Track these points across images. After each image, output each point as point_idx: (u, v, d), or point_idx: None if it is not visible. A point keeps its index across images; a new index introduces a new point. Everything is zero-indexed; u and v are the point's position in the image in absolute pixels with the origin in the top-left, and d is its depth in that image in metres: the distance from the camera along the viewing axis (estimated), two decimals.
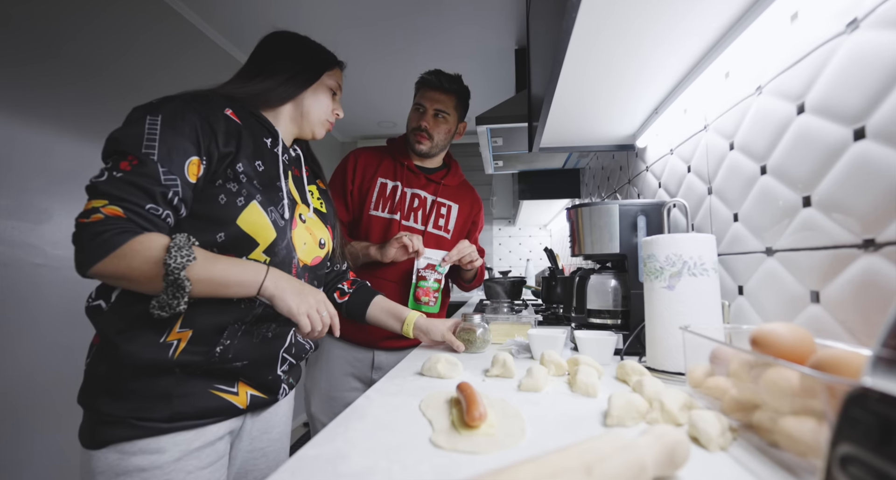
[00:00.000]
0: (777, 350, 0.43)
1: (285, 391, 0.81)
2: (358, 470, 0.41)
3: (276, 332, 0.76)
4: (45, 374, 1.46)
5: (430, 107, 1.28)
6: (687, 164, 1.00)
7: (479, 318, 0.98)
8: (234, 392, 0.72)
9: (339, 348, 1.27)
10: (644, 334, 0.78)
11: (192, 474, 0.67)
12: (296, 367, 0.84)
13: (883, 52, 0.49)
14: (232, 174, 0.71)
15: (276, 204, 0.75)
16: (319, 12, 2.16)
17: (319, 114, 0.87)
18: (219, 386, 0.70)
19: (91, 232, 0.59)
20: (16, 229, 1.39)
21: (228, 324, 0.69)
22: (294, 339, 0.80)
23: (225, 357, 0.68)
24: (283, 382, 0.79)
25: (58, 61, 1.53)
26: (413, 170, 1.34)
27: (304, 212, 0.84)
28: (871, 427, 0.24)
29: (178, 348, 0.65)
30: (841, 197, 0.55)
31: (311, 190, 0.92)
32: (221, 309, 0.68)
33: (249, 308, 0.71)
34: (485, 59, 2.60)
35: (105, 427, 0.64)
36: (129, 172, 0.62)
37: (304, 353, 0.83)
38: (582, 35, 0.69)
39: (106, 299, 0.67)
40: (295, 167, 0.87)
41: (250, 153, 0.74)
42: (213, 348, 0.67)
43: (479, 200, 1.47)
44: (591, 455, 0.33)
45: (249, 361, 0.71)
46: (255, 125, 0.78)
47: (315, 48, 0.87)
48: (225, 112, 0.73)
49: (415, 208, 1.32)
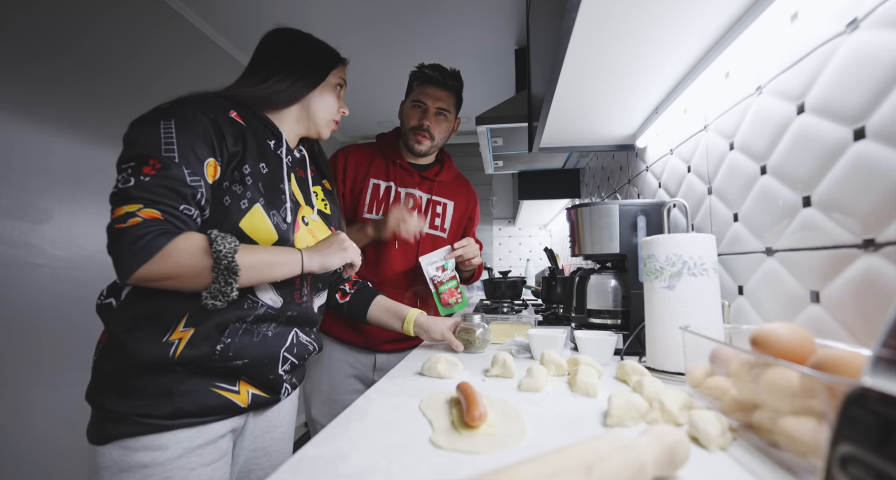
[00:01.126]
0: (777, 350, 0.43)
1: (287, 390, 0.80)
2: (358, 470, 0.41)
3: (277, 331, 0.76)
4: (46, 374, 1.45)
5: (431, 105, 1.24)
6: (687, 164, 1.00)
7: (479, 318, 0.98)
8: (236, 390, 0.72)
9: (341, 351, 1.25)
10: (644, 334, 0.78)
11: (195, 471, 0.67)
12: (299, 367, 0.83)
13: (883, 52, 0.49)
14: (238, 176, 0.71)
15: (278, 207, 0.75)
16: (321, 13, 2.16)
17: (325, 114, 0.86)
18: (220, 385, 0.70)
19: (131, 235, 0.58)
20: (16, 229, 1.39)
21: (229, 323, 0.69)
22: (296, 339, 0.79)
23: (225, 355, 0.68)
24: (286, 382, 0.79)
25: (63, 61, 1.53)
26: (406, 169, 1.30)
27: (308, 215, 0.83)
28: (871, 427, 0.24)
29: (179, 347, 0.65)
30: (841, 197, 0.55)
31: (316, 191, 0.91)
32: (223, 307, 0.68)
33: (252, 308, 0.71)
34: (485, 58, 2.60)
35: (110, 424, 0.65)
36: (155, 176, 0.62)
37: (307, 353, 0.82)
38: (582, 35, 0.69)
39: (117, 297, 0.68)
40: (300, 168, 0.87)
41: (256, 155, 0.74)
42: (214, 346, 0.67)
43: (474, 194, 1.44)
44: (591, 455, 0.33)
45: (250, 360, 0.71)
46: (258, 127, 0.78)
47: (320, 46, 0.86)
48: (230, 114, 0.73)
49: (410, 209, 1.28)
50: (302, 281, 0.80)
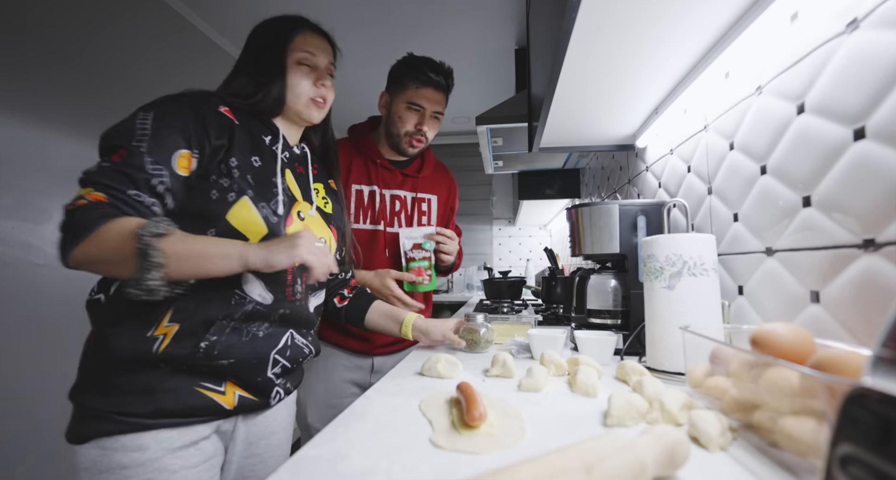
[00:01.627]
0: (777, 350, 0.43)
1: (280, 395, 0.77)
2: (358, 470, 0.41)
3: (269, 332, 0.73)
4: (45, 374, 1.45)
5: (429, 108, 1.20)
6: (687, 164, 1.00)
7: (482, 318, 0.98)
8: (221, 391, 0.69)
9: (336, 356, 1.21)
10: (644, 334, 0.78)
11: (178, 473, 0.65)
12: (294, 371, 0.81)
13: (883, 52, 0.49)
14: (225, 169, 0.70)
15: (268, 199, 0.73)
16: (321, 11, 2.15)
17: (298, 97, 0.80)
18: (205, 385, 0.68)
19: (73, 217, 0.59)
20: (15, 229, 1.39)
21: (216, 320, 0.67)
22: (291, 341, 0.76)
23: (210, 354, 0.66)
24: (278, 386, 0.76)
25: (66, 65, 1.54)
26: (388, 168, 1.24)
27: (305, 210, 0.81)
28: (871, 427, 0.24)
29: (163, 342, 0.64)
30: (841, 197, 0.55)
31: (318, 188, 0.89)
32: (209, 302, 0.67)
33: (240, 304, 0.69)
34: (485, 58, 2.60)
35: (88, 422, 0.64)
36: (116, 162, 0.63)
37: (302, 356, 0.79)
38: (582, 35, 0.69)
39: (106, 292, 0.67)
40: (299, 164, 0.85)
41: (247, 148, 0.73)
42: (199, 343, 0.65)
43: (454, 184, 1.40)
44: (591, 455, 0.33)
45: (236, 360, 0.68)
46: (253, 122, 0.77)
47: (269, 29, 0.81)
48: (219, 109, 0.73)
49: (397, 212, 1.25)
50: (294, 277, 0.77)
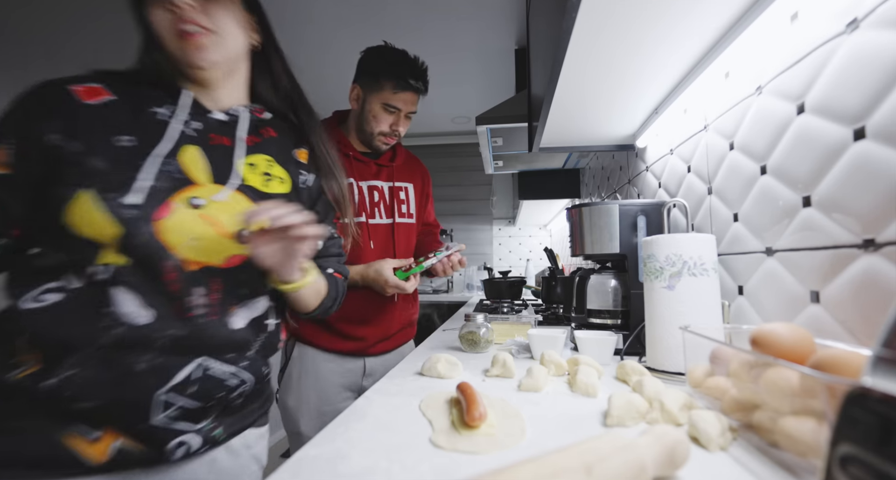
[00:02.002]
0: (777, 350, 0.43)
1: (187, 447, 0.57)
2: (358, 470, 0.41)
3: (154, 364, 0.54)
4: None
5: (405, 109, 1.19)
6: (687, 164, 1.00)
7: (482, 318, 0.98)
8: (93, 438, 0.52)
9: (328, 360, 1.19)
10: (644, 334, 0.78)
11: None
12: (226, 408, 0.62)
13: (883, 52, 0.49)
14: (73, 159, 0.54)
15: (124, 188, 0.54)
16: (318, 9, 2.16)
17: (164, 34, 0.60)
18: (74, 429, 0.52)
19: None
20: None
21: (78, 348, 0.52)
22: (202, 373, 0.57)
23: (60, 394, 0.50)
24: (187, 432, 0.56)
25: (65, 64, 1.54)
26: (362, 160, 1.23)
27: (207, 194, 0.60)
28: (871, 427, 0.24)
29: (26, 370, 0.52)
30: (841, 197, 0.55)
31: (255, 161, 0.67)
32: (66, 322, 0.52)
33: (107, 326, 0.52)
34: (485, 58, 2.60)
35: None
36: None
37: (226, 390, 0.60)
38: (582, 35, 0.69)
39: None
40: (218, 134, 0.65)
41: (114, 127, 0.57)
42: (45, 380, 0.50)
43: (427, 172, 1.40)
44: (591, 455, 0.33)
45: (102, 403, 0.52)
46: (141, 95, 0.61)
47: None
48: (68, 88, 0.57)
49: (376, 203, 1.22)
50: (185, 286, 0.57)
